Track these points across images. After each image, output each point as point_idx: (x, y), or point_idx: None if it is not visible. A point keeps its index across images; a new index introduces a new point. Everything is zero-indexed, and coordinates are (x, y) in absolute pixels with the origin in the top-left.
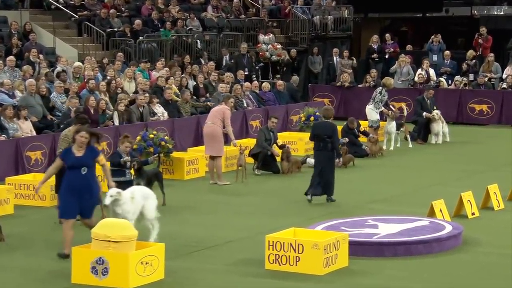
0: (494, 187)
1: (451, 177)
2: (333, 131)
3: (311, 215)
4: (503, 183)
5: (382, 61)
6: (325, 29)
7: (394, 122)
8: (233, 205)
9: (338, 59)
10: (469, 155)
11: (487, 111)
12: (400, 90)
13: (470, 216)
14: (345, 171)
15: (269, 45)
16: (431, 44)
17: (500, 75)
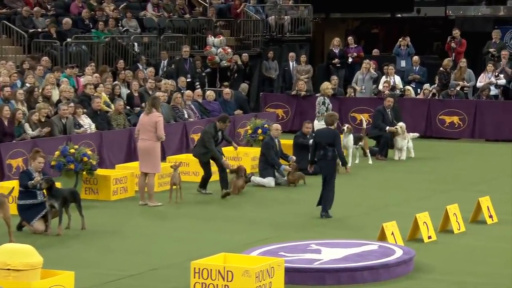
0: (454, 208)
1: (411, 197)
2: (334, 139)
3: (250, 239)
4: (468, 204)
5: (345, 67)
6: (281, 31)
7: (351, 136)
8: (163, 228)
9: (295, 64)
10: (434, 173)
11: (458, 123)
12: (362, 100)
13: (426, 240)
14: (293, 190)
15: (220, 48)
16: (399, 48)
17: (474, 83)
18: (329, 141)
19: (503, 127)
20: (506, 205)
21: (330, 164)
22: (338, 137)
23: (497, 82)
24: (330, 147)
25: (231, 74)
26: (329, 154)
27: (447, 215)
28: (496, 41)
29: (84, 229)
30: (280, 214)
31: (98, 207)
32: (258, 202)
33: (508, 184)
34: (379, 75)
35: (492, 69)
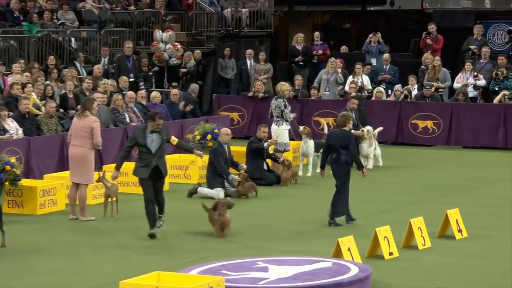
0: (419, 221)
1: (375, 210)
2: (349, 141)
3: (191, 257)
4: (436, 217)
5: (309, 66)
6: (238, 25)
7: (311, 142)
8: (96, 246)
9: (253, 63)
10: (403, 183)
11: (432, 128)
12: (326, 103)
13: (387, 257)
14: (243, 203)
15: (168, 44)
16: (369, 45)
17: (450, 83)
18: (343, 143)
19: (481, 133)
20: (478, 218)
21: (343, 168)
22: (352, 139)
23: (476, 83)
24: (343, 150)
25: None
26: (342, 158)
27: (411, 229)
28: (477, 37)
29: (4, 246)
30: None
31: (23, 222)
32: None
33: (482, 195)
34: (346, 74)
35: (470, 68)
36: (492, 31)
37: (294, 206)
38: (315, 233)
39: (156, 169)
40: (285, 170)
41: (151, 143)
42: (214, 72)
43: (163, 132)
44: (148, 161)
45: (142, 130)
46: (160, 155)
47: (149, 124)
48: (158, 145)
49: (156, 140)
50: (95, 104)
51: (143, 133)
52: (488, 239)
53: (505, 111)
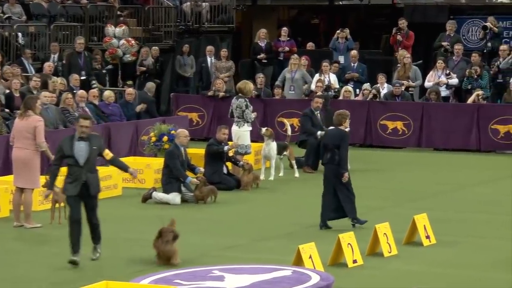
0: (385, 227)
1: None
2: (341, 140)
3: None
4: (404, 223)
5: (274, 64)
6: (198, 21)
7: (274, 144)
8: (42, 255)
9: (214, 60)
10: (371, 188)
11: (402, 129)
12: (291, 102)
13: (351, 265)
14: (201, 208)
15: (122, 40)
16: (336, 42)
17: (421, 82)
18: (337, 142)
19: (453, 135)
20: (447, 224)
21: (337, 169)
22: (345, 138)
23: (449, 82)
24: (338, 149)
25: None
26: (336, 158)
27: (376, 236)
28: (450, 34)
29: None
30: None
31: None
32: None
33: (453, 200)
34: (312, 73)
35: (442, 66)
36: (466, 27)
37: (254, 212)
38: (275, 240)
39: (86, 185)
40: (245, 174)
41: (78, 153)
42: (172, 70)
43: (93, 141)
44: (76, 175)
45: (69, 139)
46: (89, 168)
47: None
48: (86, 155)
49: (84, 150)
50: (38, 103)
51: (70, 142)
52: (457, 246)
53: (479, 112)
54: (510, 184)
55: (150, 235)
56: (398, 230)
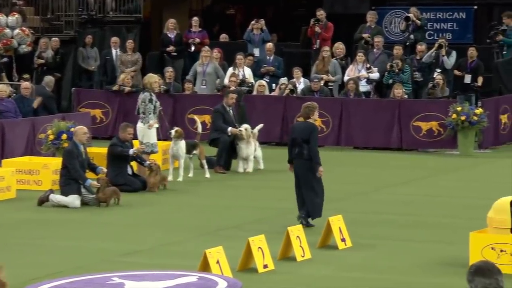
0: (298, 230)
1: (251, 218)
2: (310, 134)
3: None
4: (317, 226)
5: (184, 56)
6: (102, 10)
7: (183, 143)
8: None
9: (119, 52)
10: (286, 189)
11: (321, 127)
12: (202, 98)
13: (261, 270)
14: (103, 211)
15: (17, 29)
16: (251, 33)
17: (341, 77)
18: (305, 136)
19: (374, 132)
20: (364, 227)
21: (306, 164)
22: (314, 132)
23: (370, 76)
24: (306, 144)
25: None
26: (304, 153)
27: (289, 239)
28: (371, 25)
29: None
30: (81, 240)
31: None
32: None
33: (371, 201)
34: (225, 66)
35: (363, 59)
36: (389, 19)
37: (161, 215)
38: (182, 245)
39: None
40: (152, 174)
41: None
42: (75, 63)
43: None
44: None
45: None
46: None
47: None
48: None
49: None
50: None
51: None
52: (374, 249)
53: (400, 108)
54: (432, 183)
55: (47, 240)
56: (312, 233)
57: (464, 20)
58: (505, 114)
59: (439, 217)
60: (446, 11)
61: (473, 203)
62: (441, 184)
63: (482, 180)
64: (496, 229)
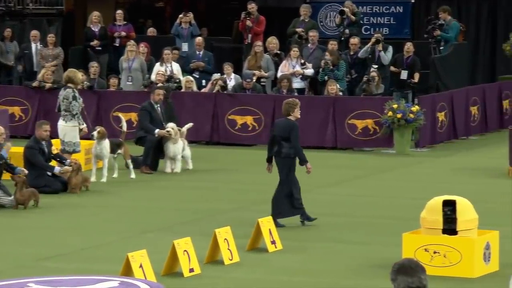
0: (226, 232)
1: (178, 220)
2: (290, 131)
3: None
4: (247, 227)
5: (109, 51)
6: (22, 2)
7: (107, 142)
8: None
9: (39, 46)
10: (215, 189)
11: (253, 125)
12: (127, 95)
13: (187, 274)
14: (19, 214)
15: None
16: (179, 27)
17: (274, 73)
18: (285, 134)
19: (308, 130)
20: (295, 228)
21: (284, 162)
22: (294, 129)
23: (304, 72)
24: (285, 142)
25: None
26: (283, 151)
27: (216, 242)
28: (305, 19)
29: None
30: None
31: None
32: None
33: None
34: (152, 61)
35: (297, 54)
36: (324, 13)
37: (82, 218)
38: (104, 249)
39: None
40: (73, 174)
41: None
42: None
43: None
44: None
45: None
46: None
47: None
48: None
49: None
50: None
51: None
52: (305, 252)
53: (335, 106)
54: (367, 183)
55: None
56: (241, 236)
57: (401, 15)
58: (443, 112)
59: (373, 217)
60: (383, 5)
61: (408, 203)
62: (376, 184)
63: (418, 179)
64: (428, 230)
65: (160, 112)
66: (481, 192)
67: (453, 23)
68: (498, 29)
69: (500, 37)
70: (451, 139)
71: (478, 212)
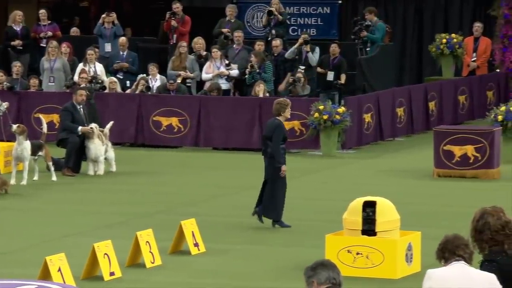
0: (147, 235)
1: (100, 223)
2: (274, 131)
3: None
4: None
5: (31, 51)
6: None
7: (27, 143)
8: None
9: None
10: (139, 192)
11: (178, 127)
12: (49, 96)
13: (108, 277)
14: None
15: None
16: (102, 27)
17: (199, 73)
18: (269, 133)
19: (234, 132)
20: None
21: (270, 162)
22: (277, 129)
23: (230, 73)
24: (270, 141)
25: None
26: (268, 150)
27: (138, 245)
28: (231, 19)
29: None
30: None
31: None
32: None
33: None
34: (74, 61)
35: (219, 55)
36: (251, 13)
37: (2, 222)
38: (22, 253)
39: None
40: None
41: None
42: None
43: None
44: None
45: None
46: None
47: None
48: None
49: None
50: None
51: None
52: (228, 254)
53: (261, 106)
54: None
55: None
56: (165, 239)
57: (328, 15)
58: (369, 113)
59: (297, 219)
60: (310, 5)
61: (333, 205)
62: (302, 185)
63: (345, 181)
64: (350, 231)
65: (82, 113)
66: (406, 194)
67: (379, 24)
68: (425, 30)
69: (426, 38)
70: (378, 140)
71: (402, 214)
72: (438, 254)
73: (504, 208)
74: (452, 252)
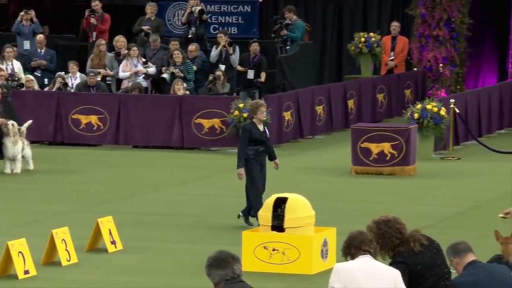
0: (63, 233)
1: (14, 222)
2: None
3: None
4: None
5: None
6: None
7: None
8: None
9: None
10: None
11: (98, 125)
12: None
13: (22, 276)
14: None
15: None
16: (20, 25)
17: (118, 71)
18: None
19: (154, 130)
20: (136, 228)
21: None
22: (242, 132)
23: (147, 71)
24: None
25: None
26: None
27: (53, 242)
28: (151, 17)
29: None
30: None
31: None
32: None
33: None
34: None
35: (136, 53)
36: (172, 11)
37: None
38: None
39: None
40: None
41: None
42: None
43: None
44: None
45: None
46: None
47: None
48: None
49: None
50: None
51: None
52: (145, 252)
53: (181, 105)
54: (212, 183)
55: None
56: (81, 237)
57: (249, 14)
58: (289, 111)
59: (215, 217)
60: (231, 4)
61: None
62: (221, 184)
63: None
64: (264, 227)
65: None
66: (323, 191)
67: (298, 22)
68: (344, 29)
69: (346, 37)
70: (297, 138)
71: (320, 210)
72: (344, 251)
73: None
74: (358, 248)
